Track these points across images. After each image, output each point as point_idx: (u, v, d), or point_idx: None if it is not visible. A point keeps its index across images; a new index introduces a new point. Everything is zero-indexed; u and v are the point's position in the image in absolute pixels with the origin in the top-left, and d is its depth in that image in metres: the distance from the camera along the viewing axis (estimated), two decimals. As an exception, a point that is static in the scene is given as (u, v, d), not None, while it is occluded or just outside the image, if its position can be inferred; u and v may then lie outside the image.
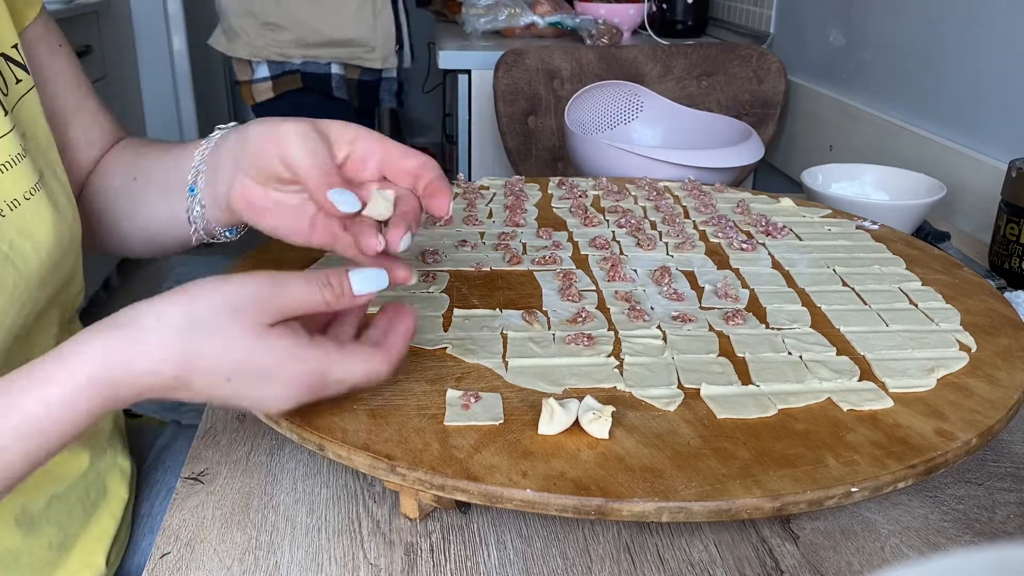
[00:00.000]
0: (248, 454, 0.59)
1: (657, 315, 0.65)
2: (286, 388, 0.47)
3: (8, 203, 0.55)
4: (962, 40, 1.17)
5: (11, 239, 0.55)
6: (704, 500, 0.45)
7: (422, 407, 0.52)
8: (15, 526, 0.60)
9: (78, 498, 0.66)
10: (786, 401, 0.54)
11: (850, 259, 0.77)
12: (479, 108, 1.80)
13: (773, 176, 1.76)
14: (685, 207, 0.91)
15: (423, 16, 2.90)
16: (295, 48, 1.89)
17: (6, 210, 0.55)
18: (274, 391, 0.47)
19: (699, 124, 1.23)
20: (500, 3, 1.95)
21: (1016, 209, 0.87)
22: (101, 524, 0.68)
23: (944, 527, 0.53)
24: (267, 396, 0.48)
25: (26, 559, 0.61)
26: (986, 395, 0.55)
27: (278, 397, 0.48)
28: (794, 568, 0.50)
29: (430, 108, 4.05)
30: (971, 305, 0.68)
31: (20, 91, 0.61)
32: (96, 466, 0.68)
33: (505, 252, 0.76)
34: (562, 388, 0.55)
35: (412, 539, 0.51)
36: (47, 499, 0.63)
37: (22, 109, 0.61)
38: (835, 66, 1.53)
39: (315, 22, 1.87)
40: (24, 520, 0.61)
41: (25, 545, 0.61)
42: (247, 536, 0.52)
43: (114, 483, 0.70)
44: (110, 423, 0.72)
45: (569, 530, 0.52)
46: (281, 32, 1.87)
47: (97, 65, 2.80)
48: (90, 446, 0.68)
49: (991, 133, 1.12)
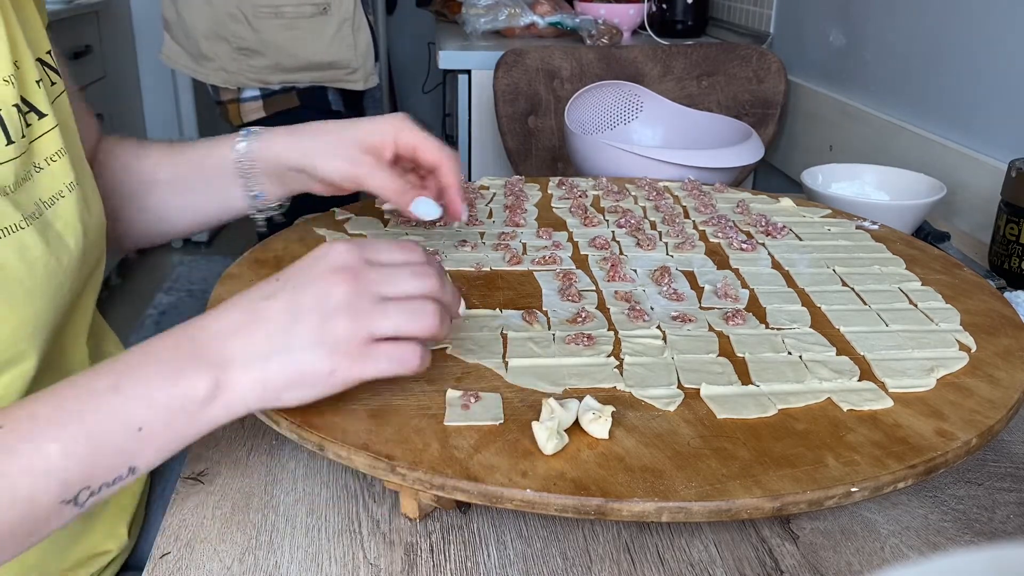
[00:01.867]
0: (248, 454, 0.59)
1: (657, 315, 0.65)
2: (329, 284, 0.48)
3: (56, 193, 0.60)
4: (962, 40, 1.17)
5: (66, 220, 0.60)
6: (704, 500, 0.45)
7: (422, 407, 0.52)
8: None
9: None
10: (786, 401, 0.54)
11: (850, 259, 0.77)
12: (479, 108, 1.80)
13: (773, 176, 1.76)
14: (685, 207, 0.91)
15: (423, 16, 2.90)
16: (272, 74, 1.78)
17: (58, 197, 0.60)
18: (320, 288, 0.48)
19: (699, 124, 1.23)
20: (500, 3, 1.95)
21: (1016, 209, 0.87)
22: (121, 500, 0.71)
23: (944, 527, 0.53)
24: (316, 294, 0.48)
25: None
26: (986, 395, 0.55)
27: (326, 295, 0.48)
28: (794, 568, 0.50)
29: (430, 108, 4.05)
30: (971, 305, 0.68)
31: (56, 92, 0.64)
32: None
33: (505, 252, 0.76)
34: (562, 388, 0.55)
35: (412, 539, 0.51)
36: None
37: (58, 109, 0.64)
38: (835, 66, 1.53)
39: (293, 46, 1.76)
40: None
41: None
42: (247, 536, 0.52)
43: None
44: None
45: (569, 530, 0.52)
46: (257, 58, 1.76)
47: (97, 65, 2.80)
48: None
49: (991, 133, 1.12)
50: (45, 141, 0.61)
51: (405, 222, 0.83)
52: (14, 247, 0.55)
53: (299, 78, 1.81)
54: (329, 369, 0.48)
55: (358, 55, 1.84)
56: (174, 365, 0.47)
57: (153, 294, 2.87)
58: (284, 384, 0.48)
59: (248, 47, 1.76)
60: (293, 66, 1.79)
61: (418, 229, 0.82)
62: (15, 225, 0.55)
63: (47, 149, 0.61)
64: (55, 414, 0.45)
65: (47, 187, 0.60)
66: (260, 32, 1.75)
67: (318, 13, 1.78)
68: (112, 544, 0.68)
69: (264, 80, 1.79)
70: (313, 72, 1.81)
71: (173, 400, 0.46)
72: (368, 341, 0.48)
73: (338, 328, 0.47)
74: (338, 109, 1.89)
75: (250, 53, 1.76)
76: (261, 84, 1.80)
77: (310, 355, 0.47)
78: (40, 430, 0.44)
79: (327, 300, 0.48)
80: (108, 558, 0.68)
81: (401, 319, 0.49)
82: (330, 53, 1.80)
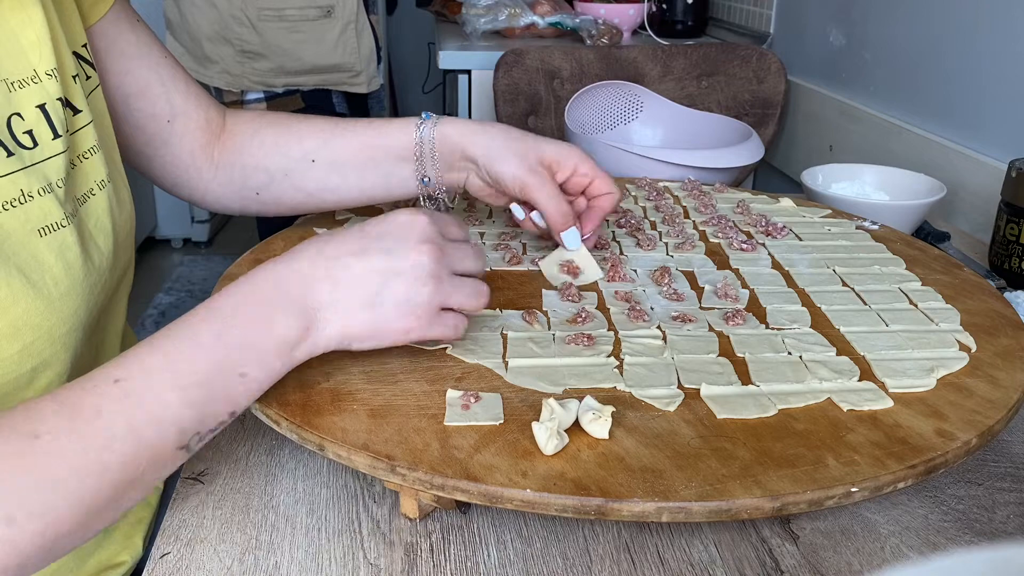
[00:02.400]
0: (248, 454, 0.59)
1: (657, 315, 0.65)
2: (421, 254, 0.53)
3: (88, 191, 0.61)
4: (962, 40, 1.17)
5: (97, 219, 0.61)
6: (704, 500, 0.45)
7: (422, 407, 0.52)
8: None
9: None
10: (786, 401, 0.54)
11: (850, 259, 0.77)
12: (479, 108, 1.80)
13: (773, 176, 1.76)
14: (685, 207, 0.91)
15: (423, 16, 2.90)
16: (276, 77, 1.79)
17: (88, 195, 0.61)
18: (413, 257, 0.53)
19: (699, 124, 1.23)
20: (500, 3, 1.95)
21: (1016, 209, 0.87)
22: (137, 511, 0.71)
23: (944, 527, 0.53)
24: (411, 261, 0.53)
25: None
26: (986, 395, 0.55)
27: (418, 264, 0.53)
28: (794, 568, 0.50)
29: (430, 108, 4.04)
30: (971, 305, 0.68)
31: (91, 86, 0.64)
32: None
33: (505, 252, 0.76)
34: (562, 388, 0.55)
35: (412, 539, 0.51)
36: None
37: (93, 104, 0.64)
38: (835, 66, 1.53)
39: (296, 50, 1.76)
40: None
41: None
42: (247, 536, 0.52)
43: None
44: None
45: (569, 530, 0.52)
46: (261, 61, 1.76)
47: (97, 65, 2.79)
48: None
49: (991, 133, 1.12)
50: (82, 136, 0.61)
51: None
52: (55, 246, 0.55)
53: (303, 81, 1.81)
54: (406, 328, 0.53)
55: (361, 58, 1.83)
56: (269, 310, 0.50)
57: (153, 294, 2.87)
58: (365, 335, 0.53)
59: (252, 50, 1.76)
60: (297, 69, 1.79)
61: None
62: (58, 223, 0.56)
63: (83, 144, 0.61)
64: (168, 365, 0.47)
65: (82, 184, 0.60)
66: (264, 35, 1.75)
67: (322, 16, 1.78)
68: (127, 555, 0.68)
69: (268, 83, 1.79)
70: (317, 75, 1.81)
71: (271, 344, 0.50)
72: (439, 308, 0.54)
73: (423, 294, 0.53)
74: (342, 112, 1.88)
75: (254, 56, 1.76)
76: (265, 87, 1.80)
77: (394, 313, 0.53)
78: (158, 379, 0.46)
79: (419, 268, 0.53)
80: (123, 570, 0.68)
81: (466, 294, 0.55)
82: (334, 56, 1.80)
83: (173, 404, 0.46)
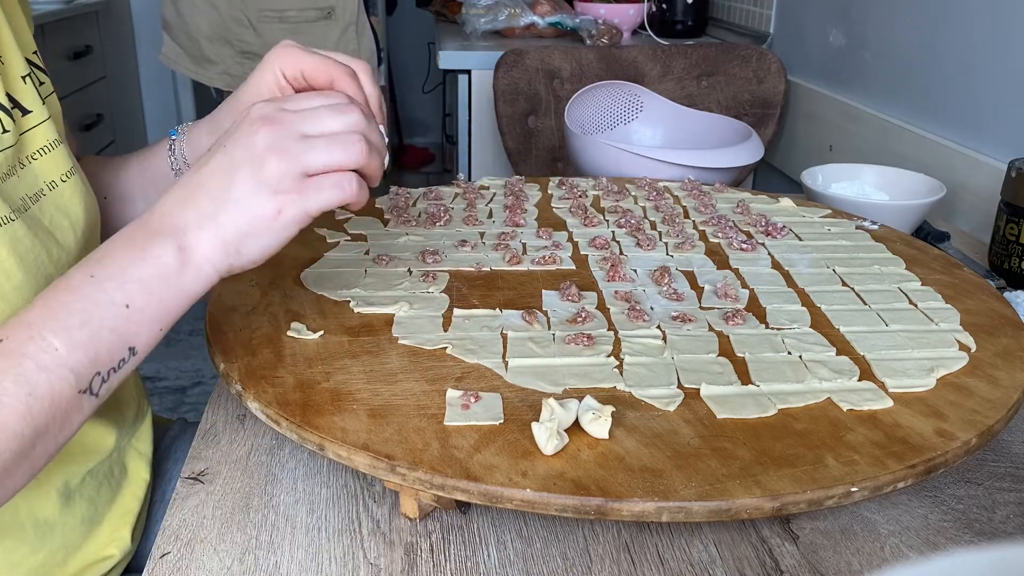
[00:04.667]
0: (248, 454, 0.59)
1: (657, 315, 0.65)
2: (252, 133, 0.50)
3: (48, 184, 0.61)
4: (962, 40, 1.17)
5: (51, 215, 0.60)
6: (704, 500, 0.45)
7: (422, 407, 0.52)
8: (57, 497, 0.63)
9: (105, 476, 0.69)
10: (786, 401, 0.54)
11: (850, 259, 0.77)
12: (479, 108, 1.80)
13: (773, 176, 1.76)
14: (685, 207, 0.91)
15: (423, 16, 2.90)
16: None
17: (47, 189, 0.61)
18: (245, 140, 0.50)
19: (699, 124, 1.23)
20: (500, 3, 1.95)
21: (1016, 209, 0.87)
22: (125, 503, 0.71)
23: (944, 527, 0.53)
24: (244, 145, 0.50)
25: (60, 531, 0.64)
26: (986, 395, 0.55)
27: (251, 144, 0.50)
28: (794, 568, 0.50)
29: (430, 108, 4.05)
30: (971, 305, 0.68)
31: (46, 91, 0.65)
32: (120, 445, 0.71)
33: (505, 252, 0.76)
34: (562, 388, 0.55)
35: (412, 539, 0.51)
36: (83, 474, 0.66)
37: (50, 106, 0.64)
38: (835, 66, 1.53)
39: None
40: (64, 493, 0.64)
41: (61, 518, 0.64)
42: (247, 536, 0.52)
43: (135, 464, 0.72)
44: (134, 407, 0.74)
45: (569, 530, 0.52)
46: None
47: (97, 65, 2.80)
48: (116, 425, 0.70)
49: (991, 133, 1.12)
50: (37, 134, 0.61)
51: (405, 222, 0.83)
52: (5, 240, 0.55)
53: None
54: (275, 209, 0.50)
55: (362, 58, 1.83)
56: (136, 244, 0.50)
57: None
58: (238, 235, 0.50)
59: (252, 51, 1.76)
60: None
61: (418, 229, 0.82)
62: (5, 217, 0.56)
63: (38, 142, 0.61)
64: (47, 314, 0.47)
65: (35, 181, 0.60)
66: (264, 36, 1.75)
67: (322, 17, 1.77)
68: (115, 549, 0.68)
69: None
70: None
71: (146, 273, 0.49)
72: (303, 177, 0.50)
73: (270, 169, 0.49)
74: None
75: (254, 57, 1.77)
76: None
77: (253, 200, 0.50)
78: (38, 330, 0.47)
79: (253, 148, 0.50)
80: (111, 563, 0.68)
81: (328, 150, 0.50)
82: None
83: (59, 348, 0.46)
